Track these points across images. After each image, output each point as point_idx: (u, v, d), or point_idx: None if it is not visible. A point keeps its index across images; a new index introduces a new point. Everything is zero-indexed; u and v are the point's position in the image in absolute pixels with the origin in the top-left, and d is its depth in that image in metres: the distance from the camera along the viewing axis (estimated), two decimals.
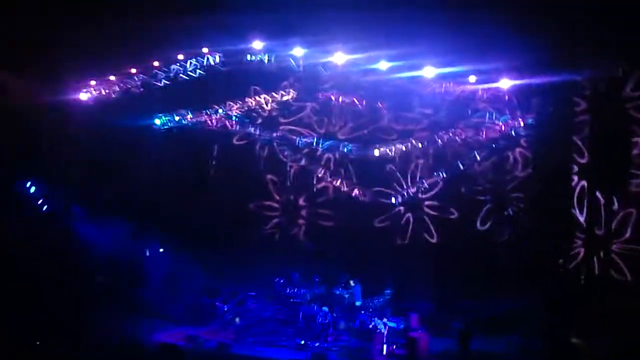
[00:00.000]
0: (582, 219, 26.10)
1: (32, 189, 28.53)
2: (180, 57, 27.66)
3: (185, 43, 26.99)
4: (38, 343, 21.71)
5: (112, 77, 28.52)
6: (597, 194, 24.99)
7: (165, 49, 27.39)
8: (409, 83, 26.31)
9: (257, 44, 25.96)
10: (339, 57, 25.57)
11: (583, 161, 25.68)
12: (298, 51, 26.03)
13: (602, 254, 24.96)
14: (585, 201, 25.87)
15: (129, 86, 28.42)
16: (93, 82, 28.53)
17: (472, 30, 22.99)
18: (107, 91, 28.61)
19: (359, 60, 25.73)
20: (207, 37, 26.52)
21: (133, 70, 28.23)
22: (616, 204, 26.03)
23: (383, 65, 25.51)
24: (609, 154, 21.73)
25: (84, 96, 28.63)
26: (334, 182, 31.65)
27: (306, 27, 24.73)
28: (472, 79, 25.28)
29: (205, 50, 27.19)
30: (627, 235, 26.20)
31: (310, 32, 24.81)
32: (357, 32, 24.39)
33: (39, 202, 28.65)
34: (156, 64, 27.93)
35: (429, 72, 25.40)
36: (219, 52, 27.39)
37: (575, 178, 25.80)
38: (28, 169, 28.33)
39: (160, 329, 25.80)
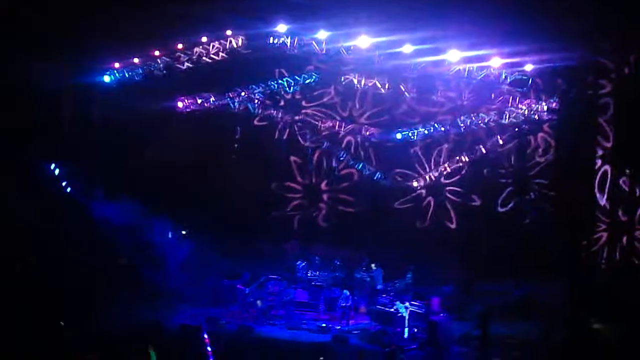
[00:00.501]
0: (605, 203, 25.97)
1: (57, 171, 28.70)
2: (204, 39, 27.61)
3: (208, 26, 26.98)
4: (62, 324, 21.87)
5: (135, 60, 28.56)
6: (621, 178, 24.81)
7: (188, 32, 27.41)
8: (432, 66, 26.18)
9: (282, 27, 25.89)
10: (363, 41, 25.46)
11: (607, 145, 25.53)
12: (322, 34, 25.92)
13: (625, 239, 24.82)
14: (608, 186, 25.75)
15: (152, 69, 28.47)
16: (117, 65, 28.58)
17: (496, 14, 22.86)
18: (131, 74, 28.65)
19: (383, 43, 25.62)
20: (230, 21, 26.52)
21: (156, 53, 28.25)
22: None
23: (406, 48, 25.41)
24: (634, 138, 21.55)
25: (107, 78, 28.70)
26: (356, 166, 31.67)
27: (330, 9, 24.65)
28: (496, 62, 25.11)
29: (228, 33, 27.12)
30: None
31: (334, 14, 24.74)
32: (380, 15, 24.30)
33: (63, 183, 28.83)
34: (179, 47, 27.92)
35: (452, 55, 25.29)
36: (241, 35, 27.35)
37: (599, 162, 25.66)
38: (52, 151, 28.48)
39: (181, 311, 25.93)
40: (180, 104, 30.34)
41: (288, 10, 25.42)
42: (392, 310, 24.92)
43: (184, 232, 30.74)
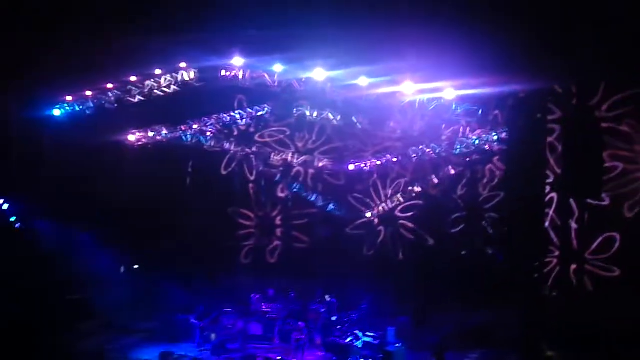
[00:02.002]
0: (555, 232, 26.32)
1: (5, 206, 28.30)
2: (157, 72, 27.46)
3: (161, 59, 26.87)
4: None
5: (86, 93, 28.31)
6: (571, 206, 25.18)
7: (140, 64, 27.25)
8: (384, 98, 26.35)
9: (237, 60, 25.90)
10: (318, 73, 25.58)
11: (557, 173, 25.95)
12: (277, 67, 25.99)
13: (576, 266, 25.14)
14: (558, 214, 26.12)
15: (103, 102, 28.24)
16: (67, 98, 28.30)
17: (446, 47, 23.11)
18: (81, 107, 28.40)
19: (337, 76, 25.75)
20: (184, 54, 26.45)
21: (108, 86, 28.03)
22: (589, 216, 26.42)
23: (360, 80, 25.51)
24: (582, 166, 21.91)
25: (57, 112, 28.41)
26: (309, 197, 31.78)
27: (285, 43, 24.73)
28: (447, 93, 25.37)
29: (182, 65, 27.03)
30: (599, 247, 26.60)
31: (290, 48, 24.81)
32: (335, 48, 24.42)
33: (12, 218, 28.43)
34: (131, 79, 27.75)
35: (404, 87, 25.45)
36: (194, 68, 27.29)
37: (549, 190, 26.03)
38: (1, 187, 28.10)
39: (135, 346, 25.65)
40: (132, 137, 30.14)
41: (243, 44, 25.44)
42: (347, 341, 24.93)
43: (136, 267, 30.49)
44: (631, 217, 26.39)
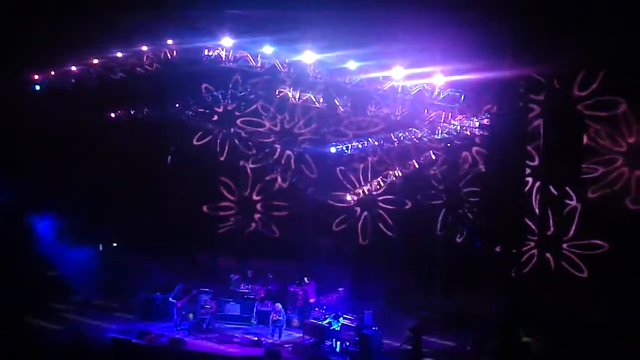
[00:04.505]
0: (534, 219, 26.46)
1: None
2: (144, 48, 27.19)
3: (146, 36, 26.67)
4: None
5: (67, 69, 28.06)
6: (550, 193, 25.31)
7: (126, 41, 27.05)
8: (367, 82, 26.32)
9: (227, 41, 25.73)
10: (307, 56, 25.46)
11: (537, 160, 26.09)
12: (267, 49, 25.86)
13: (554, 253, 25.30)
14: (538, 200, 26.27)
15: (85, 79, 28.00)
16: (48, 74, 28.07)
17: (430, 32, 23.14)
18: (62, 83, 28.16)
19: (325, 59, 25.66)
20: (171, 32, 26.27)
21: (91, 62, 27.76)
22: (573, 201, 26.63)
23: (349, 64, 25.44)
24: (562, 153, 22.01)
25: (38, 87, 28.16)
26: (292, 179, 31.78)
27: (275, 25, 24.66)
28: (430, 78, 25.37)
29: (169, 42, 26.80)
30: (577, 233, 26.81)
31: (279, 30, 24.73)
32: (323, 31, 24.38)
33: None
34: (115, 56, 27.50)
35: (393, 72, 25.40)
36: (177, 47, 27.10)
37: (529, 177, 26.17)
38: None
39: (112, 324, 25.63)
40: (112, 114, 29.93)
41: (232, 24, 25.31)
42: (324, 323, 25.01)
43: (114, 244, 30.43)
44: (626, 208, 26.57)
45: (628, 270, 24.85)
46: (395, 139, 29.22)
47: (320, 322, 25.22)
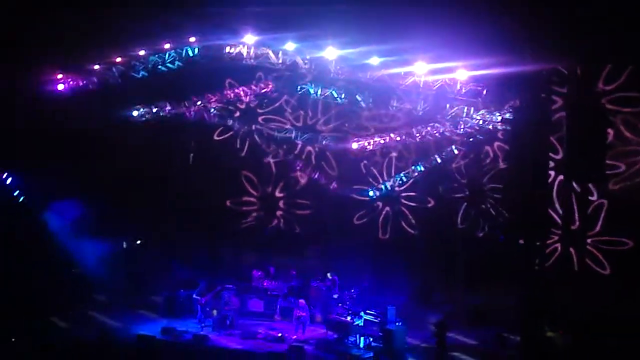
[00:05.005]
0: (559, 213, 26.32)
1: (9, 180, 28.34)
2: (166, 46, 27.22)
3: (166, 35, 26.74)
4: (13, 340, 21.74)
5: (90, 68, 28.16)
6: (574, 188, 25.16)
7: (144, 40, 27.13)
8: (388, 77, 26.26)
9: (249, 38, 25.78)
10: (330, 52, 25.45)
11: (558, 157, 25.95)
12: (289, 46, 25.86)
13: (578, 248, 25.15)
14: (561, 196, 26.10)
15: (107, 77, 28.12)
16: (71, 73, 28.18)
17: (452, 26, 23.04)
18: (85, 82, 28.28)
19: (348, 55, 25.64)
20: (192, 29, 26.32)
21: (114, 60, 27.84)
22: (594, 197, 26.44)
23: (372, 60, 25.39)
24: (585, 148, 21.87)
25: (61, 86, 28.29)
26: (313, 175, 31.77)
27: (297, 21, 24.66)
28: (458, 74, 25.28)
29: (192, 40, 26.85)
30: (601, 228, 26.60)
31: (300, 26, 24.73)
32: (345, 27, 24.36)
33: (16, 192, 28.47)
34: (137, 54, 27.57)
35: (415, 67, 25.33)
36: (199, 44, 27.15)
37: (552, 172, 26.00)
38: (4, 160, 28.07)
39: (137, 321, 25.79)
40: (135, 113, 30.03)
41: (255, 21, 25.35)
42: (347, 319, 25.04)
43: (138, 242, 30.57)
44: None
45: None
46: (417, 134, 29.14)
47: (343, 318, 25.26)
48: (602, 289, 24.71)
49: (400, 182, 30.74)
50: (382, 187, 30.83)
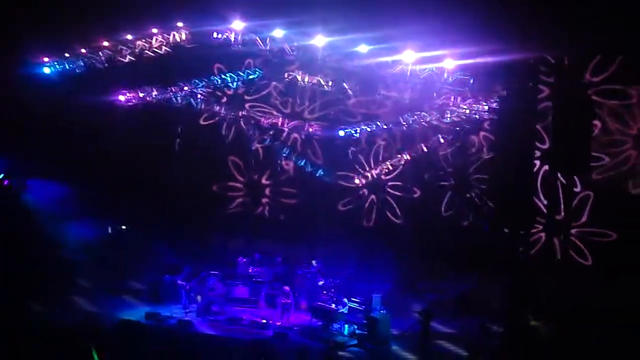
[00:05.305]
0: (543, 203, 26.41)
1: None
2: (154, 31, 27.06)
3: (154, 19, 26.60)
4: None
5: (76, 52, 27.97)
6: (558, 178, 25.23)
7: (131, 24, 26.98)
8: (376, 65, 26.25)
9: (237, 24, 25.69)
10: (318, 40, 25.39)
11: (545, 145, 26.00)
12: (277, 32, 25.78)
13: (562, 238, 25.26)
14: (546, 185, 26.18)
15: (94, 61, 27.94)
16: (57, 57, 27.99)
17: (440, 15, 23.04)
18: (72, 66, 28.09)
19: (336, 42, 25.60)
20: (180, 14, 26.20)
21: (100, 44, 27.64)
22: (577, 188, 26.52)
23: (360, 48, 25.35)
24: (571, 139, 21.94)
25: (47, 70, 28.11)
26: (299, 162, 31.75)
27: (285, 8, 24.60)
28: (440, 62, 25.29)
29: (179, 25, 26.70)
30: (587, 219, 26.71)
31: (289, 13, 24.68)
32: (334, 14, 24.31)
33: (0, 176, 28.32)
34: (125, 38, 27.39)
35: (404, 55, 25.33)
36: (186, 30, 27.01)
37: (537, 163, 26.07)
38: None
39: (121, 307, 25.75)
40: (122, 97, 29.87)
41: (243, 7, 25.26)
42: (332, 306, 25.09)
43: (123, 227, 30.49)
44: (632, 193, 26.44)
45: (629, 256, 24.85)
46: (404, 123, 29.16)
47: (328, 305, 25.31)
48: (584, 279, 24.83)
49: (387, 170, 30.76)
50: (368, 175, 30.84)
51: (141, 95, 29.77)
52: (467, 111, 27.19)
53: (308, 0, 23.67)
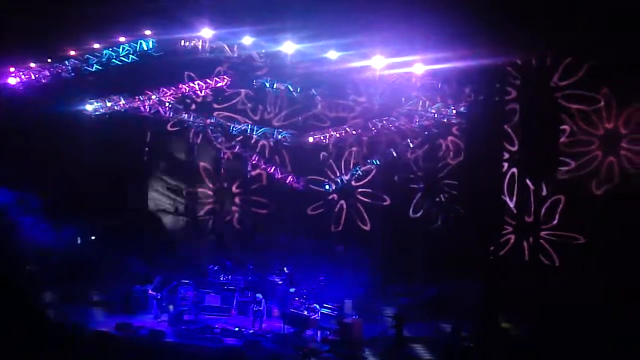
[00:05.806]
0: (512, 206, 26.63)
1: None
2: (122, 39, 26.87)
3: (123, 28, 26.44)
4: None
5: (42, 61, 27.69)
6: (527, 181, 25.46)
7: (97, 33, 26.80)
8: (344, 71, 26.33)
9: (206, 32, 25.61)
10: (288, 46, 25.39)
11: (513, 149, 26.22)
12: (246, 40, 25.74)
13: (531, 240, 25.48)
14: (515, 188, 26.40)
15: (60, 71, 27.69)
16: (23, 67, 27.70)
17: (409, 21, 23.18)
18: (37, 76, 27.80)
19: (306, 49, 25.63)
20: (148, 23, 26.08)
21: (67, 54, 27.38)
22: (545, 191, 26.72)
23: (329, 54, 25.40)
24: (539, 142, 22.16)
25: (12, 81, 27.80)
26: (268, 169, 31.70)
27: (254, 16, 24.61)
28: (409, 67, 25.41)
29: (147, 33, 26.55)
30: (556, 221, 26.93)
31: (258, 20, 24.69)
32: (303, 21, 24.37)
33: None
34: (92, 47, 27.18)
35: (373, 61, 25.41)
36: (153, 38, 26.88)
37: (506, 165, 26.29)
38: None
39: (92, 317, 25.54)
40: (89, 107, 29.63)
41: (211, 15, 25.22)
42: (304, 313, 25.06)
43: (93, 237, 30.24)
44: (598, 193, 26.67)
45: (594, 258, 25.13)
46: (373, 128, 29.25)
47: (300, 312, 25.28)
48: (551, 279, 25.04)
49: (357, 176, 30.81)
50: (338, 180, 30.87)
51: (109, 104, 29.53)
52: (436, 115, 27.33)
53: (277, 7, 23.68)
